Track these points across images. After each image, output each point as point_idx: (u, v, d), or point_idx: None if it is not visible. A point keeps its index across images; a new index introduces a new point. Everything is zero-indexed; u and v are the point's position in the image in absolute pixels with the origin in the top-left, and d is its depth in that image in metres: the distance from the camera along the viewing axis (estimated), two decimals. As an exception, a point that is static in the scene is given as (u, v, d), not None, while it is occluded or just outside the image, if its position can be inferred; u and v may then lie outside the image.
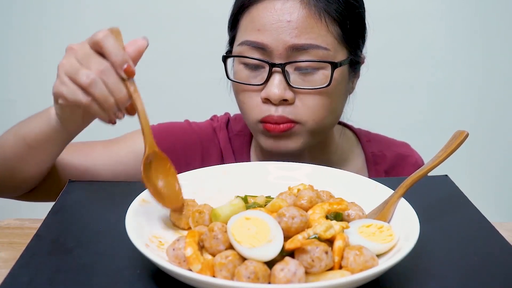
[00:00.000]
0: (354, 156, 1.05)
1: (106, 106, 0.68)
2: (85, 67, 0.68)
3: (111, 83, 0.67)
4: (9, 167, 0.83)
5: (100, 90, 0.67)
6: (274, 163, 0.81)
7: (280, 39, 0.84)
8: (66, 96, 0.69)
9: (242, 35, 0.89)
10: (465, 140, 0.72)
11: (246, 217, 0.58)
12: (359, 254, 0.55)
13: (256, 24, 0.86)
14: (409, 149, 1.10)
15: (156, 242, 0.62)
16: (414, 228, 0.59)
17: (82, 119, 0.77)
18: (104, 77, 0.67)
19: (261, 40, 0.85)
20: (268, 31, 0.85)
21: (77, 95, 0.68)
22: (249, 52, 0.87)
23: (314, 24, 0.84)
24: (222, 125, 1.06)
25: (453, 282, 0.58)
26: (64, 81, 0.69)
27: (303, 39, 0.84)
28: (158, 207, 0.67)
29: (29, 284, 0.56)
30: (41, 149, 0.81)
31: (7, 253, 0.69)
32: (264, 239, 0.55)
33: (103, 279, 0.57)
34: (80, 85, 0.68)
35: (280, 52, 0.85)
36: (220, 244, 0.57)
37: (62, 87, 0.69)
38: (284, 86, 0.85)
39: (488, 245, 0.66)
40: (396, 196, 0.67)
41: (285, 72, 0.85)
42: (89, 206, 0.76)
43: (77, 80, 0.68)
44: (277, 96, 0.85)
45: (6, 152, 0.83)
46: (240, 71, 0.89)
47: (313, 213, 0.63)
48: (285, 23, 0.84)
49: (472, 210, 0.74)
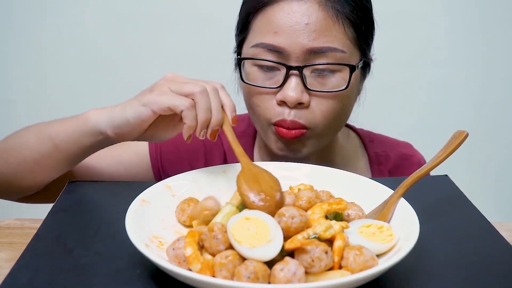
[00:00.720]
0: (357, 156, 1.05)
1: (202, 118, 0.71)
2: (193, 84, 0.73)
3: (215, 102, 0.72)
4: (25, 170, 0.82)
5: (206, 102, 0.72)
6: (274, 163, 0.81)
7: (298, 42, 0.83)
8: (166, 102, 0.72)
9: (256, 37, 0.87)
10: (465, 140, 0.72)
11: (246, 217, 0.58)
12: (359, 254, 0.55)
13: (272, 26, 0.84)
14: (411, 149, 1.09)
15: (156, 242, 0.62)
16: (414, 228, 0.59)
17: (147, 127, 0.76)
18: (212, 96, 0.72)
19: (277, 43, 0.83)
20: (286, 33, 0.83)
21: (180, 99, 0.72)
22: (264, 55, 0.85)
23: (331, 27, 0.83)
24: None
25: (453, 282, 0.58)
26: (165, 91, 0.73)
27: (321, 42, 0.83)
28: (158, 207, 0.67)
29: (29, 284, 0.56)
30: (68, 151, 0.79)
31: (7, 253, 0.69)
32: (264, 239, 0.56)
33: (103, 279, 0.57)
34: (186, 93, 0.72)
35: (298, 55, 0.83)
36: (220, 244, 0.57)
37: (161, 97, 0.73)
38: (301, 89, 0.84)
39: (488, 245, 0.66)
40: (396, 196, 0.67)
41: (303, 75, 0.84)
42: (89, 206, 0.76)
43: (183, 90, 0.72)
44: (294, 99, 0.84)
45: (25, 153, 0.81)
46: (253, 73, 0.88)
47: (313, 213, 0.63)
48: (303, 26, 0.82)
49: (472, 210, 0.74)
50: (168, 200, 0.70)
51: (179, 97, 0.72)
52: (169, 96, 0.72)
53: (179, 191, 0.72)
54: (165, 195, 0.71)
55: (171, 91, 0.73)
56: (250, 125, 1.03)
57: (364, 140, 1.07)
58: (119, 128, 0.76)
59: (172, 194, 0.71)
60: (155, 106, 0.72)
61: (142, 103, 0.73)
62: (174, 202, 0.70)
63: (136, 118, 0.74)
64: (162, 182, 0.72)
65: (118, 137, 0.78)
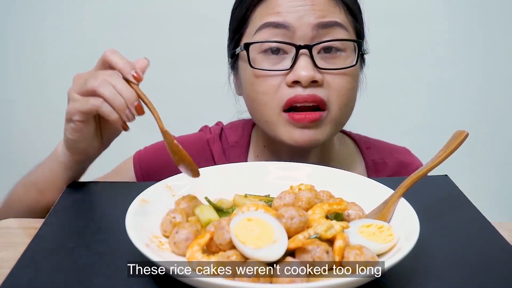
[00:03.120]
0: (354, 164, 1.04)
1: (117, 105, 0.70)
2: (92, 79, 0.72)
3: (119, 84, 0.71)
4: (19, 215, 0.84)
5: (109, 91, 0.70)
6: (274, 163, 0.81)
7: (305, 19, 0.83)
8: (79, 108, 0.73)
9: (259, 22, 0.86)
10: (465, 140, 0.72)
11: (248, 219, 0.58)
12: (360, 253, 0.56)
13: (275, 9, 0.85)
14: (409, 155, 1.07)
15: (156, 242, 0.62)
16: (414, 228, 0.59)
17: (95, 136, 0.78)
18: (112, 81, 0.71)
19: (283, 20, 0.84)
20: (291, 13, 0.84)
21: (89, 100, 0.72)
22: (270, 35, 0.85)
23: (334, 8, 0.85)
24: (215, 136, 1.02)
25: (453, 282, 0.58)
26: (75, 98, 0.73)
27: (328, 18, 0.84)
28: (158, 207, 0.67)
29: (29, 284, 0.56)
30: (52, 190, 0.82)
31: (7, 253, 0.69)
32: (269, 240, 0.55)
33: (103, 279, 0.57)
34: (90, 91, 0.71)
35: (304, 32, 0.83)
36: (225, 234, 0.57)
37: (74, 104, 0.73)
38: (312, 67, 0.83)
39: (488, 245, 0.66)
40: (396, 196, 0.67)
41: (312, 54, 0.84)
42: (89, 206, 0.76)
43: (86, 89, 0.72)
44: (308, 77, 0.82)
45: (17, 207, 0.86)
46: (259, 59, 0.86)
47: (313, 213, 0.63)
48: (308, 6, 0.84)
49: (472, 210, 0.74)
50: (168, 200, 0.70)
51: (86, 100, 0.72)
52: (80, 103, 0.73)
53: (179, 191, 0.72)
54: (165, 195, 0.71)
55: (80, 95, 0.73)
56: (243, 135, 1.02)
57: (360, 147, 1.05)
58: (74, 149, 0.79)
59: (172, 194, 0.71)
60: (76, 117, 0.74)
61: (66, 118, 0.76)
62: (174, 202, 0.70)
63: (74, 134, 0.76)
64: (162, 182, 0.72)
65: (82, 157, 0.81)
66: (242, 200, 0.70)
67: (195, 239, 0.59)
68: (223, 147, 1.01)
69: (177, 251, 0.60)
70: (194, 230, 0.61)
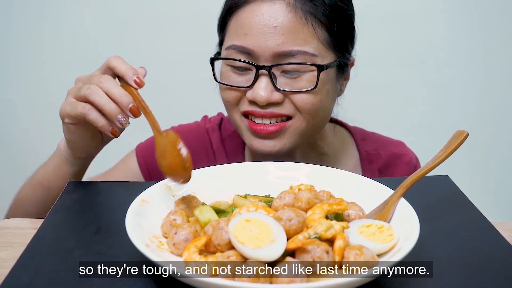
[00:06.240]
0: (347, 154, 1.05)
1: (108, 111, 0.72)
2: (87, 84, 0.74)
3: (112, 88, 0.72)
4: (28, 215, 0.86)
5: (101, 97, 0.72)
6: (274, 163, 0.80)
7: (266, 45, 0.84)
8: (69, 112, 0.75)
9: (229, 39, 0.88)
10: (465, 140, 0.72)
11: (246, 219, 0.58)
12: (360, 253, 0.55)
13: (243, 29, 0.86)
14: (404, 148, 1.09)
15: (156, 242, 0.62)
16: (414, 228, 0.59)
17: (91, 138, 0.81)
18: (105, 86, 0.72)
19: (247, 45, 0.85)
20: (255, 36, 0.84)
21: (77, 106, 0.74)
22: (236, 56, 0.87)
23: (300, 29, 0.84)
24: (214, 126, 1.05)
25: (453, 282, 0.58)
26: (68, 100, 0.76)
27: (290, 46, 0.84)
28: (158, 207, 0.67)
29: (29, 284, 0.56)
30: (59, 186, 0.83)
31: (7, 253, 0.69)
32: (267, 240, 0.55)
33: (103, 279, 0.57)
34: (82, 97, 0.73)
35: (266, 57, 0.85)
36: (224, 234, 0.57)
37: (64, 106, 0.76)
38: (271, 88, 0.85)
39: (488, 245, 0.66)
40: (396, 196, 0.67)
41: (272, 74, 0.85)
42: (89, 206, 0.76)
43: (80, 94, 0.74)
44: (264, 99, 0.85)
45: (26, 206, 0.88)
46: (226, 72, 0.89)
47: (313, 214, 0.63)
48: (271, 28, 0.83)
49: (472, 210, 0.74)
50: (168, 200, 0.70)
51: (76, 105, 0.74)
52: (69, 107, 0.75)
53: (179, 191, 0.72)
54: (165, 195, 0.71)
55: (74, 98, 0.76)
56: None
57: (355, 138, 1.06)
58: (73, 147, 0.82)
59: (172, 194, 0.71)
60: (66, 120, 0.77)
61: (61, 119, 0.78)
62: (174, 202, 0.70)
63: (69, 134, 0.80)
64: (162, 182, 0.72)
65: (82, 154, 0.84)
66: (241, 201, 0.70)
67: (192, 241, 0.59)
68: (222, 136, 1.04)
69: (176, 251, 0.60)
70: (193, 231, 0.61)
